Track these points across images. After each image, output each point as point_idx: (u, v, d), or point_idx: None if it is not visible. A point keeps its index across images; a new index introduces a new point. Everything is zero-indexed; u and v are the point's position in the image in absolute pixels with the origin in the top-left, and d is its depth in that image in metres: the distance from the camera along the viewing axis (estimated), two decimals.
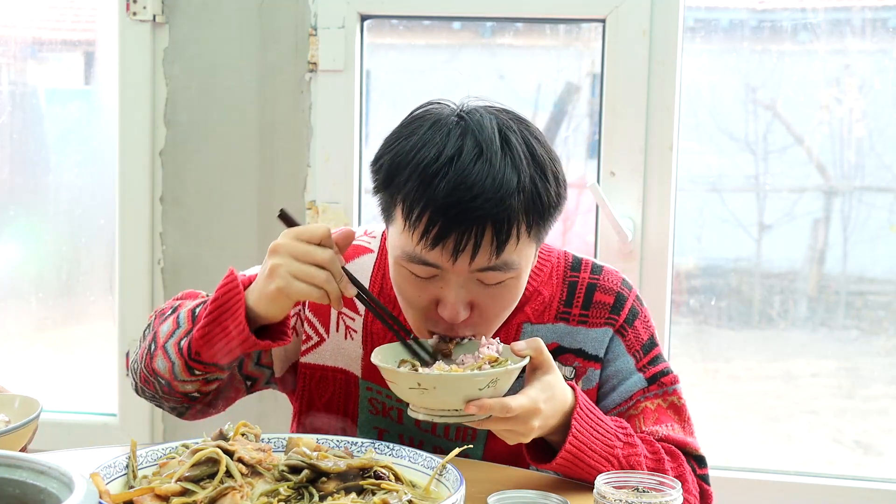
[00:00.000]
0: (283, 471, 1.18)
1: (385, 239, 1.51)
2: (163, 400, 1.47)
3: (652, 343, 1.52)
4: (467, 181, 1.27)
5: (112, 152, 2.43)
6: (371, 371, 1.49)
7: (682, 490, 1.16)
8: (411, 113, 1.40)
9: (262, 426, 1.35)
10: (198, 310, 1.40)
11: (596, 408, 1.38)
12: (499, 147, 1.30)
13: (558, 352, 1.48)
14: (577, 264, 1.53)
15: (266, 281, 1.32)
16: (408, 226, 1.31)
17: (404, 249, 1.33)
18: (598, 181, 2.25)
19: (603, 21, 2.22)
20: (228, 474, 1.14)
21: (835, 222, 2.38)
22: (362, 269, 1.52)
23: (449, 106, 1.38)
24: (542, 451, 1.37)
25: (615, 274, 1.54)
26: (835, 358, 2.41)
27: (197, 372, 1.38)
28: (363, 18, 2.31)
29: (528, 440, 1.30)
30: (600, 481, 1.16)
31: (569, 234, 1.61)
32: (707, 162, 2.40)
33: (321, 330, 1.51)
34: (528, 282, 1.47)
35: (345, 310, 1.51)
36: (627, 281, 1.54)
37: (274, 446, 1.28)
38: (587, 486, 1.36)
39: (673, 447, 1.46)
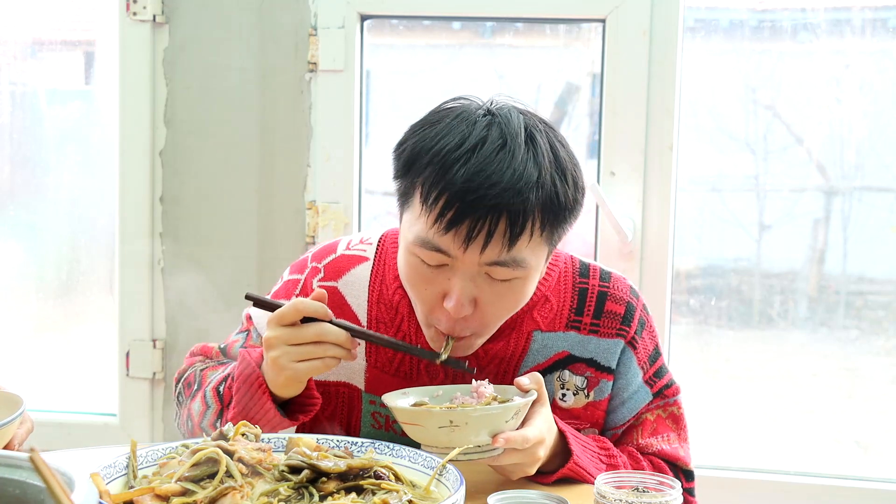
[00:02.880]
0: (283, 471, 1.18)
1: (382, 243, 1.52)
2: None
3: (657, 353, 1.54)
4: (487, 169, 1.28)
5: (112, 152, 2.43)
6: (374, 384, 1.49)
7: (681, 490, 1.16)
8: (440, 104, 1.41)
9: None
10: (221, 388, 1.43)
11: (577, 432, 1.42)
12: (523, 142, 1.31)
13: (570, 361, 1.49)
14: (584, 270, 1.53)
15: (275, 375, 1.35)
16: (424, 209, 1.31)
17: (418, 234, 1.33)
18: (598, 181, 2.25)
19: (603, 21, 2.22)
20: (228, 474, 1.14)
21: (835, 222, 2.38)
22: (358, 279, 1.51)
23: (477, 101, 1.39)
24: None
25: (623, 281, 1.54)
26: (835, 358, 2.41)
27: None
28: (363, 18, 2.31)
29: (532, 472, 1.32)
30: (600, 481, 1.16)
31: (569, 233, 1.62)
32: (707, 162, 2.40)
33: None
34: (536, 288, 1.47)
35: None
36: (635, 289, 1.55)
37: (274, 446, 1.28)
38: (587, 486, 1.36)
39: (662, 462, 1.48)
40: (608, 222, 2.20)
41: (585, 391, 1.49)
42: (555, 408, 1.47)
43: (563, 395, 1.48)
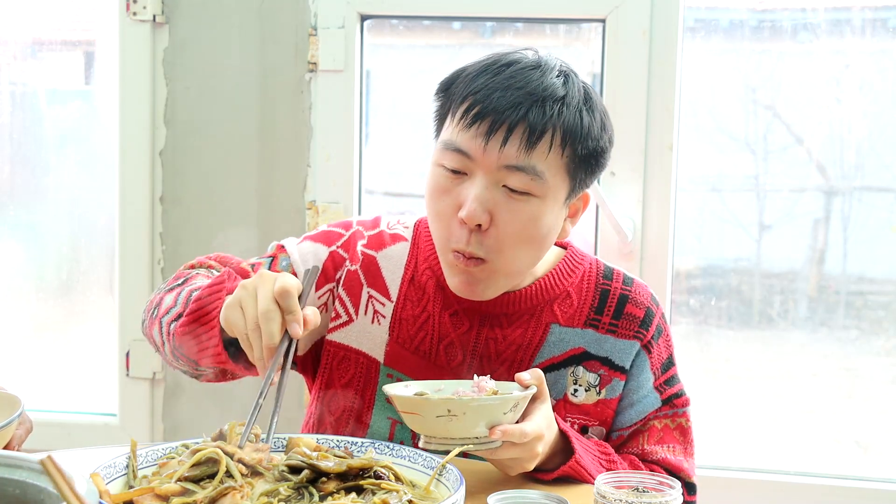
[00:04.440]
0: (283, 471, 1.18)
1: (417, 228, 1.56)
2: (186, 373, 1.48)
3: (670, 362, 1.54)
4: (517, 77, 1.36)
5: (112, 152, 2.43)
6: (394, 358, 1.50)
7: (681, 490, 1.16)
8: None
9: (263, 426, 1.35)
10: (195, 294, 1.39)
11: (578, 433, 1.41)
12: (557, 70, 1.39)
13: (585, 357, 1.50)
14: (608, 273, 1.55)
15: (223, 311, 1.31)
16: (452, 115, 1.38)
17: (443, 139, 1.39)
18: (598, 181, 2.25)
19: (603, 21, 2.22)
20: (228, 474, 1.14)
21: (835, 222, 2.38)
22: (397, 256, 1.54)
23: None
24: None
25: (645, 288, 1.55)
26: (835, 358, 2.41)
27: (181, 362, 1.39)
28: (363, 18, 2.31)
29: (531, 468, 1.32)
30: (600, 481, 1.16)
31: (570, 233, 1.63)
32: (707, 162, 2.40)
33: (351, 310, 1.52)
34: (558, 281, 1.50)
35: (375, 293, 1.52)
36: (656, 297, 1.56)
37: (274, 446, 1.28)
38: (587, 486, 1.36)
39: (664, 472, 1.48)
40: (608, 222, 2.21)
41: (597, 388, 1.49)
42: (566, 402, 1.49)
43: (576, 390, 1.49)
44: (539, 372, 1.32)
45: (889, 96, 2.31)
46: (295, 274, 1.52)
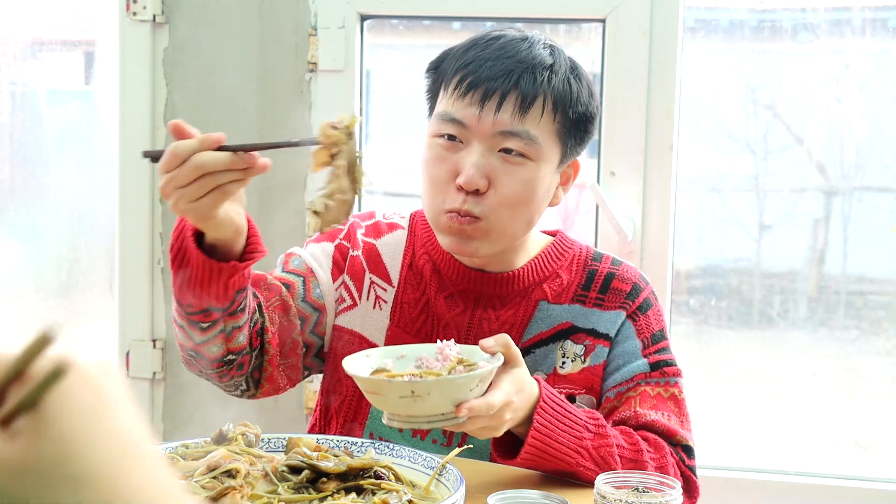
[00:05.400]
0: (283, 471, 1.18)
1: (413, 217, 1.60)
2: (211, 378, 1.45)
3: (661, 335, 1.55)
4: (506, 48, 1.43)
5: (112, 152, 2.43)
6: (393, 342, 1.51)
7: (681, 490, 1.16)
8: None
9: (262, 426, 1.35)
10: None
11: (563, 400, 1.39)
12: (543, 44, 1.46)
13: (571, 331, 1.53)
14: (598, 256, 1.59)
15: (187, 220, 1.29)
16: (445, 89, 1.44)
17: (438, 111, 1.45)
18: (598, 181, 2.25)
19: (603, 21, 2.22)
20: (229, 474, 1.14)
21: (835, 222, 2.38)
22: (395, 242, 1.59)
23: None
24: (509, 447, 1.38)
25: (635, 269, 1.59)
26: (835, 358, 2.41)
27: (203, 325, 1.35)
28: (363, 18, 2.31)
29: (499, 434, 1.31)
30: (600, 481, 1.16)
31: (569, 234, 1.63)
32: (707, 162, 2.40)
33: (355, 295, 1.56)
34: (549, 263, 1.55)
35: (377, 279, 1.56)
36: (645, 277, 1.59)
37: (274, 446, 1.28)
38: (587, 486, 1.36)
39: (658, 438, 1.46)
40: (608, 222, 2.20)
41: (582, 357, 1.52)
42: (555, 376, 1.51)
43: (563, 363, 1.52)
44: (505, 337, 1.31)
45: (889, 96, 2.31)
46: (310, 270, 1.55)
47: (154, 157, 1.27)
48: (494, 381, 1.28)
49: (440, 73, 1.48)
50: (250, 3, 2.34)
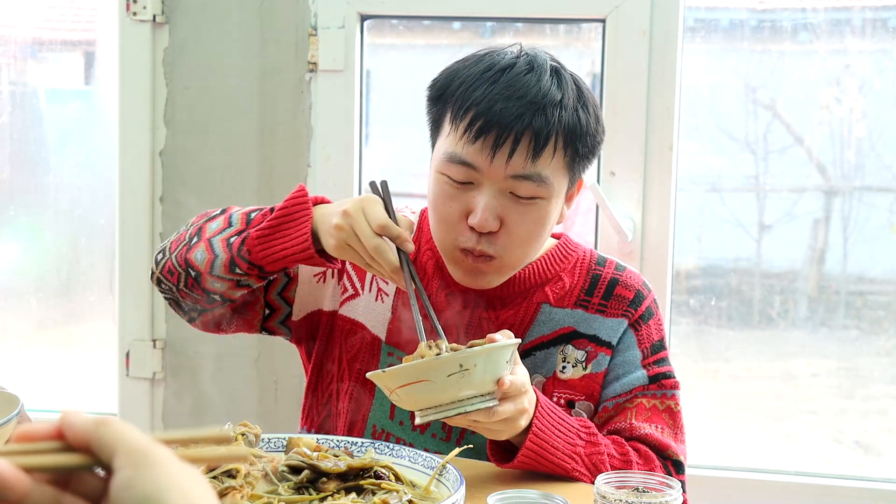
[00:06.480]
0: (283, 471, 1.18)
1: (422, 213, 1.60)
2: (180, 295, 1.52)
3: (661, 345, 1.56)
4: (515, 86, 1.38)
5: (112, 152, 2.43)
6: (395, 335, 1.53)
7: (681, 490, 1.16)
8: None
9: (262, 426, 1.35)
10: (253, 214, 1.47)
11: (557, 408, 1.41)
12: (549, 70, 1.42)
13: (573, 336, 1.53)
14: (602, 261, 1.59)
15: (331, 230, 1.38)
16: (453, 127, 1.41)
17: (447, 150, 1.42)
18: (598, 181, 2.25)
19: (603, 21, 2.22)
20: (229, 474, 1.14)
21: (835, 222, 2.38)
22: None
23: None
24: (504, 450, 1.40)
25: (638, 275, 1.59)
26: (835, 358, 2.41)
27: (238, 271, 1.43)
28: (363, 18, 2.31)
29: (509, 435, 1.33)
30: (600, 481, 1.16)
31: (569, 234, 1.63)
32: (707, 162, 2.40)
33: (357, 285, 1.57)
34: (551, 266, 1.54)
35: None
36: (648, 284, 1.59)
37: (274, 446, 1.28)
38: (587, 486, 1.36)
39: (648, 450, 1.47)
40: (608, 222, 2.20)
41: (584, 364, 1.52)
42: (554, 380, 1.51)
43: (564, 367, 1.52)
44: (509, 333, 1.32)
45: (889, 96, 2.31)
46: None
47: (376, 190, 1.43)
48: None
49: (444, 101, 1.44)
50: (250, 3, 2.34)
